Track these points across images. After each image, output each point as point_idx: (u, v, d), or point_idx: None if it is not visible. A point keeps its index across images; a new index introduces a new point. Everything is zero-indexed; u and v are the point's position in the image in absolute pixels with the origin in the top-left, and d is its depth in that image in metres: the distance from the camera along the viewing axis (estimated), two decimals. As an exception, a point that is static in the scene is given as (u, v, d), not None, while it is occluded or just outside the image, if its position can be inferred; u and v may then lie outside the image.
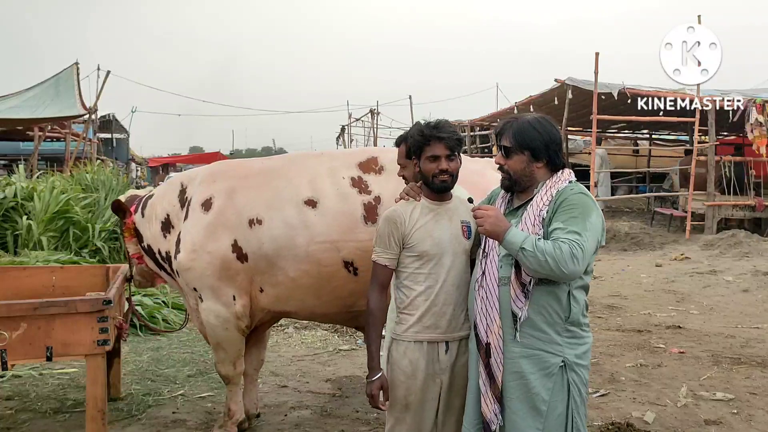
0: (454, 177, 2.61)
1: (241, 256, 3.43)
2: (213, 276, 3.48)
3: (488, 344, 2.37)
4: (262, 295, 3.53)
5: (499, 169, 2.50)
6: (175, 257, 3.59)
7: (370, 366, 2.60)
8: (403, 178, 2.91)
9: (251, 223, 3.42)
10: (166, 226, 3.74)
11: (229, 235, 3.45)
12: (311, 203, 3.38)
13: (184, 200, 3.71)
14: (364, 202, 3.35)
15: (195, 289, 3.57)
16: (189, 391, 4.59)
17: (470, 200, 2.55)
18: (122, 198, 4.05)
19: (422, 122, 2.69)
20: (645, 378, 4.94)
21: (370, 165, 3.48)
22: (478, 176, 3.29)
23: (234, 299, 3.50)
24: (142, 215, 3.88)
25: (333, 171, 3.47)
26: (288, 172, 3.55)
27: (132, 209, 3.93)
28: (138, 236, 3.91)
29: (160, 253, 3.79)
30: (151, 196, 3.96)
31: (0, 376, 4.68)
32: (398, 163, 2.96)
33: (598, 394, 4.53)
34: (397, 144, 3.00)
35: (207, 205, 3.54)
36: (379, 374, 2.58)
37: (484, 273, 2.44)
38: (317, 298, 3.48)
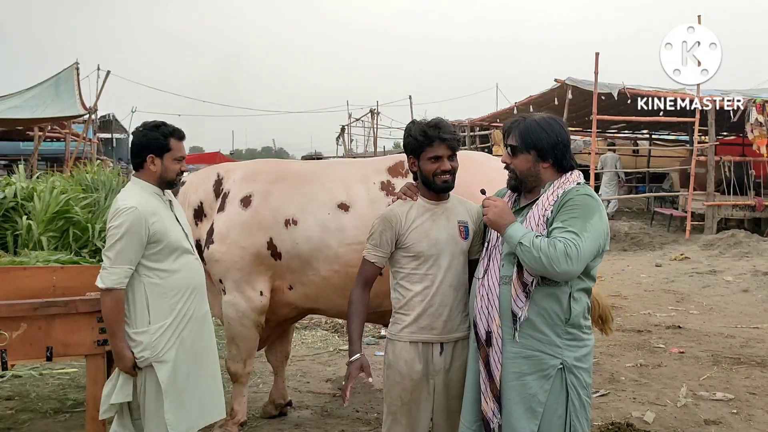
0: (454, 176, 2.61)
1: (276, 254, 3.54)
2: (241, 270, 3.58)
3: (489, 333, 2.37)
4: (290, 293, 3.62)
5: (506, 168, 2.49)
6: (207, 247, 3.65)
7: (350, 350, 2.62)
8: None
9: (287, 223, 3.53)
10: (199, 214, 3.82)
11: (265, 234, 3.55)
12: (344, 207, 3.50)
13: (219, 191, 3.79)
14: (390, 204, 3.39)
15: (221, 281, 3.66)
16: (189, 391, 4.59)
17: (483, 192, 2.53)
18: None
19: (420, 121, 2.68)
20: (645, 378, 4.95)
21: (398, 169, 3.57)
22: (497, 173, 3.31)
23: (261, 294, 3.60)
24: None
25: (365, 177, 3.59)
26: (323, 176, 3.67)
27: None
28: None
29: None
30: (182, 183, 3.99)
31: (0, 376, 4.69)
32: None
33: (598, 394, 4.54)
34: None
35: (246, 201, 3.63)
36: (359, 355, 2.58)
37: (486, 271, 2.43)
38: (345, 297, 3.51)
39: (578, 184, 2.40)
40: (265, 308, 3.64)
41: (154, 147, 2.87)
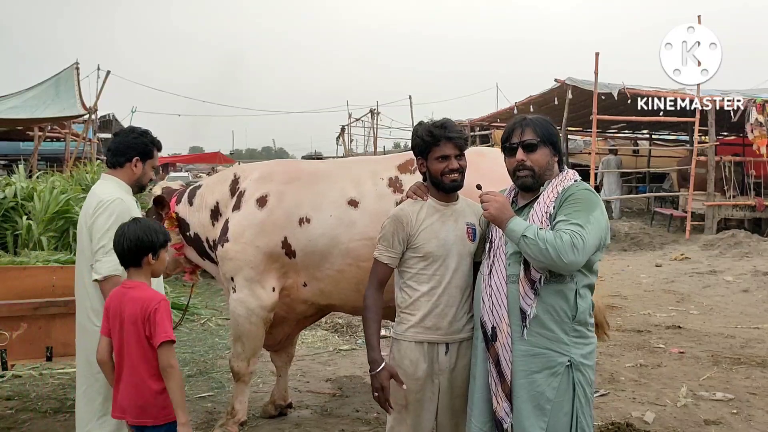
0: (463, 175, 2.61)
1: (290, 252, 3.61)
2: (254, 269, 3.62)
3: (496, 331, 2.38)
4: (305, 289, 3.67)
5: (519, 168, 2.45)
6: (222, 245, 3.70)
7: (372, 359, 2.54)
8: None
9: (301, 221, 3.60)
10: (215, 214, 3.88)
11: (280, 233, 3.61)
12: (353, 203, 3.57)
13: (235, 190, 3.86)
14: (397, 200, 3.46)
15: (231, 279, 3.69)
16: (189, 391, 4.59)
17: (479, 187, 2.52)
18: (158, 190, 4.10)
19: (427, 122, 2.68)
20: (645, 378, 4.95)
21: (407, 166, 3.63)
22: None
23: (273, 290, 3.65)
24: (190, 204, 4.00)
25: (374, 173, 3.65)
26: (335, 175, 3.75)
27: (173, 200, 4.02)
28: (181, 226, 4.00)
29: (208, 241, 3.91)
30: (198, 186, 4.11)
31: (0, 376, 4.69)
32: None
33: (598, 394, 4.53)
34: None
35: (262, 201, 3.70)
36: (383, 363, 2.53)
37: (491, 271, 2.44)
38: (358, 292, 3.56)
39: (576, 181, 2.44)
40: (274, 305, 3.67)
41: (141, 151, 2.99)
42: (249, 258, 3.61)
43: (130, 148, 2.96)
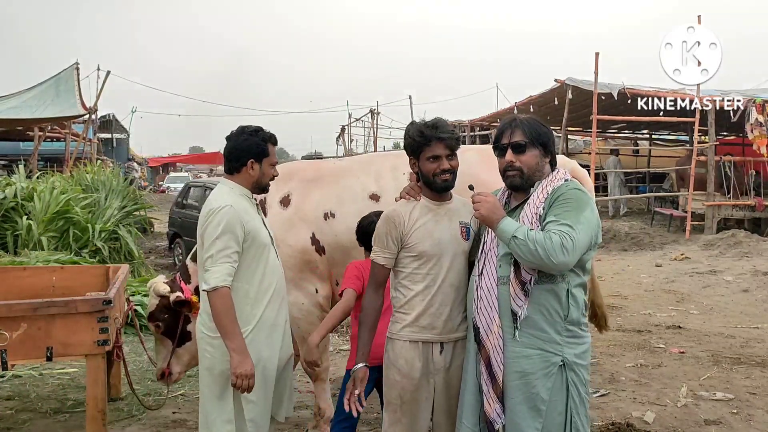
0: (454, 175, 2.61)
1: (319, 249, 3.63)
2: (294, 269, 3.61)
3: (485, 331, 2.38)
4: (337, 288, 3.65)
5: (508, 168, 2.46)
6: None
7: (358, 357, 2.58)
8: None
9: (326, 216, 3.63)
10: None
11: (308, 229, 3.63)
12: (375, 197, 3.62)
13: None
14: None
15: None
16: (189, 391, 4.59)
17: (471, 188, 2.52)
18: (163, 291, 3.57)
19: (419, 122, 2.69)
20: (645, 378, 4.95)
21: None
22: None
23: (316, 291, 3.67)
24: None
25: (395, 168, 3.67)
26: (357, 170, 3.78)
27: (182, 284, 3.64)
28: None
29: None
30: None
31: (0, 376, 4.69)
32: None
33: (598, 394, 4.54)
34: None
35: (285, 201, 3.71)
36: (363, 365, 2.57)
37: (482, 273, 2.44)
38: None
39: (566, 180, 2.44)
40: (326, 302, 3.69)
41: (255, 152, 2.87)
42: (285, 259, 3.51)
43: (243, 152, 2.85)
